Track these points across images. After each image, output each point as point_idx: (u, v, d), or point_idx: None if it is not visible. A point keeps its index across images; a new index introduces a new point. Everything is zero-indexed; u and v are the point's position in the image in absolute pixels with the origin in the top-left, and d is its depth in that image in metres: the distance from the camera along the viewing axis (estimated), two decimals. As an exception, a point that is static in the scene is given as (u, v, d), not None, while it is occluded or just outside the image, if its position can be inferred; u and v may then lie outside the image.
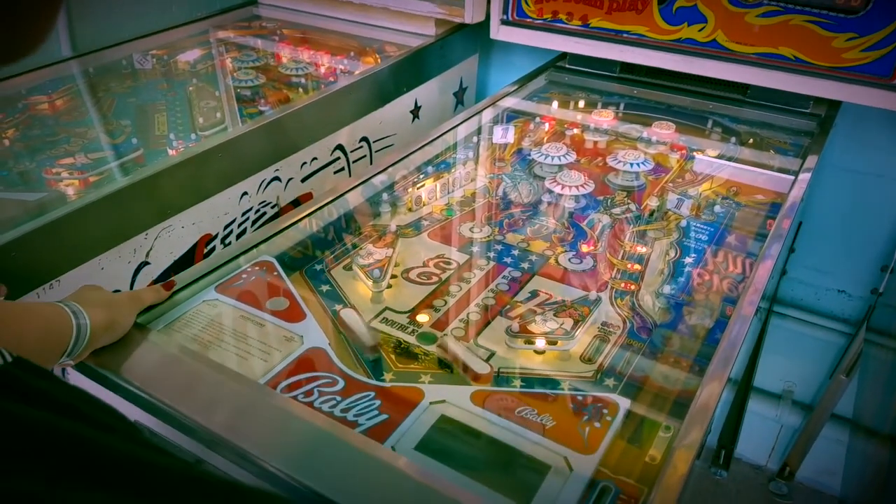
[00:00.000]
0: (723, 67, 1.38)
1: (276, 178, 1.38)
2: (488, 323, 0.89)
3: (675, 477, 0.60)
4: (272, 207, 1.39)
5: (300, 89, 1.61)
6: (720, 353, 0.76)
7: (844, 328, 1.76)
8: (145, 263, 1.16)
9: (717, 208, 1.14)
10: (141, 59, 1.72)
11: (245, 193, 1.31)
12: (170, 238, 1.19)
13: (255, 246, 1.01)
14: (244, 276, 0.96)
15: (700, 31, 1.38)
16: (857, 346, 1.65)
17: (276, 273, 0.98)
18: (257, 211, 1.36)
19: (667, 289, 0.95)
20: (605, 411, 0.73)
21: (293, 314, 0.90)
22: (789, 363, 1.88)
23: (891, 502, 0.83)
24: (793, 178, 1.15)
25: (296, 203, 1.44)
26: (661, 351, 0.85)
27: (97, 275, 1.06)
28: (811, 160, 1.19)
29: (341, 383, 0.78)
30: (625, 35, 1.46)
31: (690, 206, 1.13)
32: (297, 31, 1.93)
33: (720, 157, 1.32)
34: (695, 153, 1.33)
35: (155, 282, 1.17)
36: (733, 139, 1.38)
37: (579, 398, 0.75)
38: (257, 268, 0.98)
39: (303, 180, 1.45)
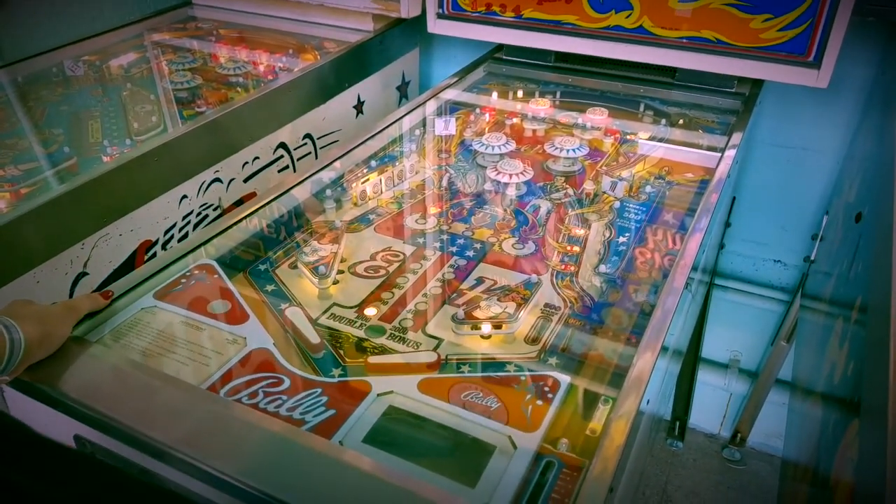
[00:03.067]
0: (650, 52, 1.43)
1: (217, 180, 1.36)
2: (436, 312, 0.91)
3: (612, 448, 0.63)
4: (214, 210, 1.38)
5: (240, 89, 1.59)
6: (653, 324, 0.79)
7: (782, 296, 1.84)
8: (83, 274, 1.14)
9: (649, 188, 1.18)
10: (72, 66, 1.68)
11: (185, 196, 1.30)
12: (108, 246, 1.17)
13: (195, 249, 1.00)
14: (183, 280, 0.96)
15: (627, 17, 1.42)
16: (794, 312, 1.73)
17: (216, 276, 0.97)
18: (198, 214, 1.35)
19: (603, 268, 0.98)
20: (546, 389, 0.75)
21: (236, 316, 0.89)
22: (733, 333, 1.96)
23: (823, 456, 0.87)
24: (720, 154, 1.20)
25: (239, 204, 1.43)
26: (600, 327, 0.88)
27: (33, 289, 1.04)
28: (736, 137, 1.24)
29: (287, 382, 0.78)
30: (556, 25, 1.49)
31: (625, 187, 1.16)
32: (233, 31, 1.90)
33: (652, 138, 1.36)
34: (628, 136, 1.37)
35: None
36: (664, 121, 1.43)
37: (522, 378, 0.77)
38: (197, 271, 0.97)
39: (245, 180, 1.43)
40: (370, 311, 0.92)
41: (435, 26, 1.63)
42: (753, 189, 1.73)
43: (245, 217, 1.07)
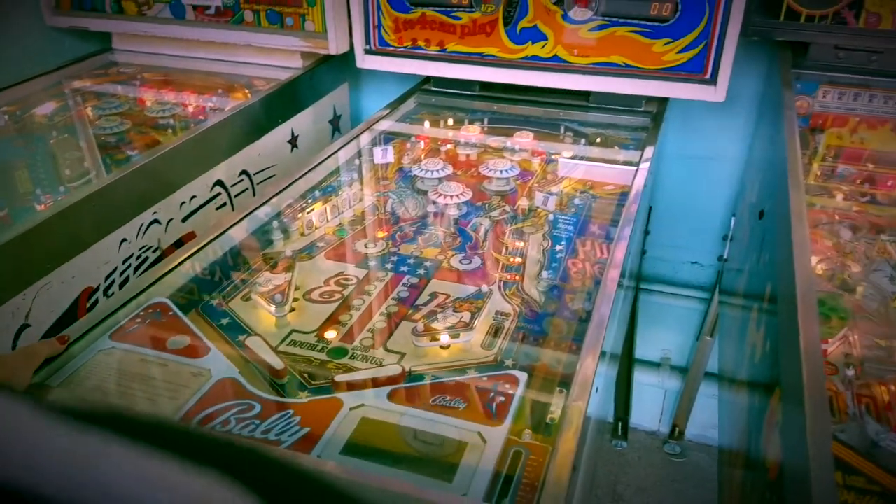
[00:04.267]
0: (565, 79, 1.54)
1: (156, 221, 1.36)
2: (395, 329, 0.95)
3: (571, 431, 0.69)
4: (154, 251, 1.38)
5: (169, 130, 1.60)
6: (593, 325, 0.86)
7: (702, 294, 1.98)
8: (25, 326, 1.12)
9: (577, 201, 1.28)
10: (-9, 118, 1.64)
11: (124, 240, 1.29)
12: (49, 295, 1.15)
13: (146, 289, 1.01)
14: (138, 319, 0.96)
15: (542, 48, 1.53)
16: (713, 308, 1.87)
17: (171, 313, 0.98)
18: (139, 257, 1.34)
19: (545, 275, 1.06)
20: (507, 386, 0.82)
21: (197, 350, 0.91)
22: (662, 333, 2.09)
23: (753, 432, 0.96)
24: (636, 168, 1.31)
25: (178, 244, 1.43)
26: (547, 328, 0.96)
27: (-24, 343, 1.02)
28: (649, 151, 1.35)
29: (258, 407, 0.81)
30: (479, 57, 1.59)
31: (555, 201, 1.25)
32: (158, 74, 1.90)
33: (574, 157, 1.47)
34: (553, 156, 1.47)
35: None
36: (583, 140, 1.54)
37: (484, 379, 0.83)
38: (151, 310, 0.98)
39: (184, 220, 1.44)
40: (330, 334, 0.95)
41: (363, 62, 1.70)
42: (667, 198, 1.87)
43: (194, 254, 1.09)
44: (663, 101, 1.60)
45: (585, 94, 1.60)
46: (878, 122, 1.34)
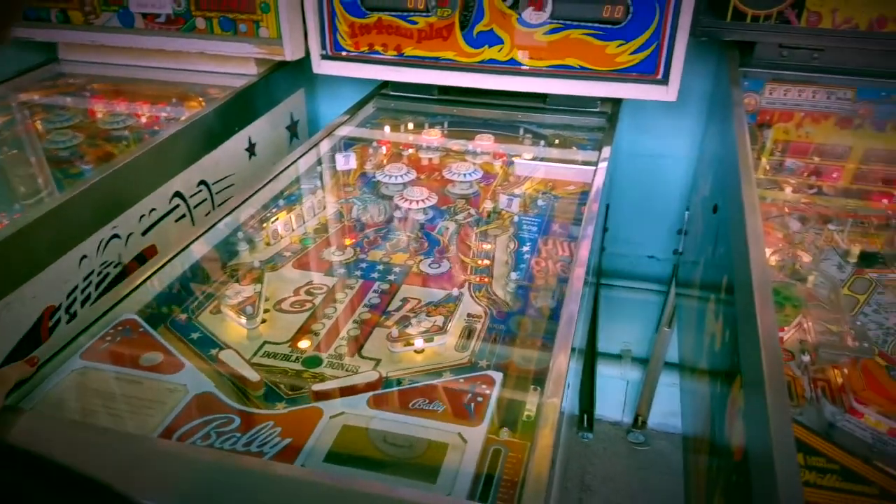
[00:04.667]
0: (522, 81, 1.57)
1: (116, 236, 1.34)
2: (368, 336, 0.97)
3: (547, 427, 0.72)
4: (115, 267, 1.36)
5: (125, 142, 1.57)
6: (563, 323, 0.89)
7: (659, 287, 2.05)
8: (-14, 348, 1.09)
9: (539, 202, 1.31)
10: (-66, 135, 1.58)
11: (84, 257, 1.27)
12: (10, 317, 1.12)
13: (114, 306, 1.00)
14: (108, 337, 0.95)
15: (499, 51, 1.56)
16: (671, 300, 1.93)
17: (141, 329, 0.97)
18: (100, 273, 1.32)
19: (513, 276, 1.08)
20: (483, 386, 0.84)
21: (171, 366, 0.90)
22: (623, 326, 2.14)
23: (717, 418, 1.01)
24: (594, 168, 1.35)
25: (140, 258, 1.41)
26: (518, 328, 0.98)
27: (-63, 368, 0.99)
28: (606, 151, 1.39)
29: (237, 420, 0.81)
30: (436, 61, 1.61)
31: (519, 203, 1.28)
32: (108, 85, 1.86)
33: (534, 158, 1.50)
34: (513, 158, 1.50)
35: (1, 365, 1.10)
36: (542, 142, 1.57)
37: (461, 380, 0.85)
38: (121, 327, 0.97)
39: (143, 233, 1.42)
40: (304, 344, 0.96)
41: (320, 67, 1.70)
42: (624, 196, 1.92)
43: (161, 267, 1.08)
44: (617, 102, 1.64)
45: (542, 97, 1.64)
46: (822, 117, 1.42)
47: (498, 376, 0.86)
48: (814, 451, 0.68)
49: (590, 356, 2.10)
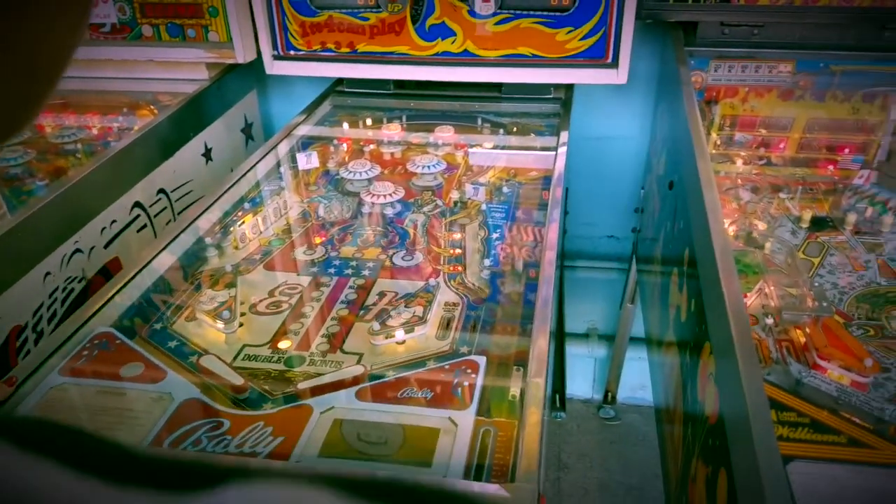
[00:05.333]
0: (477, 72, 1.59)
1: (78, 251, 1.32)
2: (348, 331, 0.98)
3: (534, 404, 0.75)
4: (80, 282, 1.33)
5: (78, 156, 1.53)
6: (539, 307, 0.92)
7: (621, 265, 2.10)
8: (-49, 374, 1.07)
9: (504, 189, 1.34)
10: None
11: (48, 273, 1.24)
12: (-24, 340, 1.10)
13: (88, 321, 0.98)
14: (85, 352, 0.94)
15: (452, 43, 1.58)
16: (632, 277, 1.99)
17: (118, 341, 0.97)
18: (64, 289, 1.30)
19: (486, 262, 1.11)
20: (469, 370, 0.86)
21: (153, 375, 0.90)
22: (588, 305, 2.20)
23: (686, 393, 1.05)
24: (554, 153, 1.38)
25: (104, 271, 1.39)
26: (495, 313, 1.01)
27: None
28: (564, 136, 1.43)
29: (227, 423, 0.81)
30: (390, 56, 1.62)
31: (484, 192, 1.31)
32: (55, 98, 1.81)
33: (495, 147, 1.53)
34: (474, 148, 1.52)
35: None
36: (501, 131, 1.60)
37: (446, 367, 0.87)
38: (97, 341, 0.96)
39: (106, 246, 1.40)
40: (284, 345, 0.96)
41: (273, 68, 1.69)
42: (581, 178, 1.96)
43: (132, 278, 1.07)
44: (570, 87, 1.68)
45: (498, 86, 1.66)
46: (766, 90, 1.48)
47: (482, 360, 0.88)
48: (785, 407, 0.73)
49: (559, 337, 2.14)
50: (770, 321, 0.83)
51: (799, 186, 1.15)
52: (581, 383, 2.33)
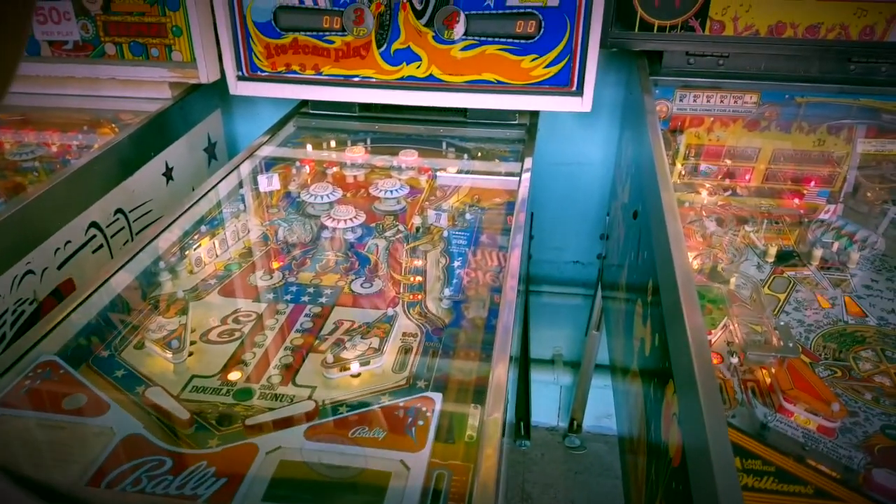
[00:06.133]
0: (442, 97, 1.58)
1: (30, 272, 1.27)
2: (302, 362, 0.94)
3: (490, 447, 0.72)
4: (30, 304, 1.28)
5: (35, 173, 1.48)
6: (500, 334, 0.90)
7: (586, 291, 2.10)
8: None
9: (467, 216, 1.32)
10: None
11: (-3, 295, 1.19)
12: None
13: (32, 348, 0.94)
14: (27, 382, 0.89)
15: (417, 68, 1.57)
16: (598, 303, 1.99)
17: (62, 371, 0.92)
18: (14, 311, 1.24)
19: (446, 291, 1.09)
20: (424, 409, 0.83)
21: (95, 408, 0.86)
22: (553, 332, 2.18)
23: (652, 422, 1.03)
24: (518, 178, 1.37)
25: (56, 293, 1.34)
26: (454, 345, 0.98)
27: None
28: (528, 161, 1.42)
29: (169, 462, 0.77)
30: (355, 79, 1.60)
31: (447, 217, 1.29)
32: (14, 115, 1.75)
33: (459, 171, 1.51)
34: (438, 172, 1.51)
35: None
36: (465, 155, 1.59)
37: (401, 404, 0.84)
38: (40, 370, 0.92)
39: (59, 267, 1.35)
40: (234, 376, 0.93)
41: (236, 88, 1.66)
42: (546, 204, 1.96)
43: (80, 304, 1.03)
44: (535, 114, 1.68)
45: (463, 111, 1.65)
46: (731, 120, 1.49)
47: (437, 397, 0.85)
48: (749, 453, 0.71)
49: (523, 363, 2.12)
50: (735, 360, 0.82)
51: (764, 219, 1.15)
52: (546, 411, 2.30)
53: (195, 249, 1.21)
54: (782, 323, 0.90)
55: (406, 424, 0.81)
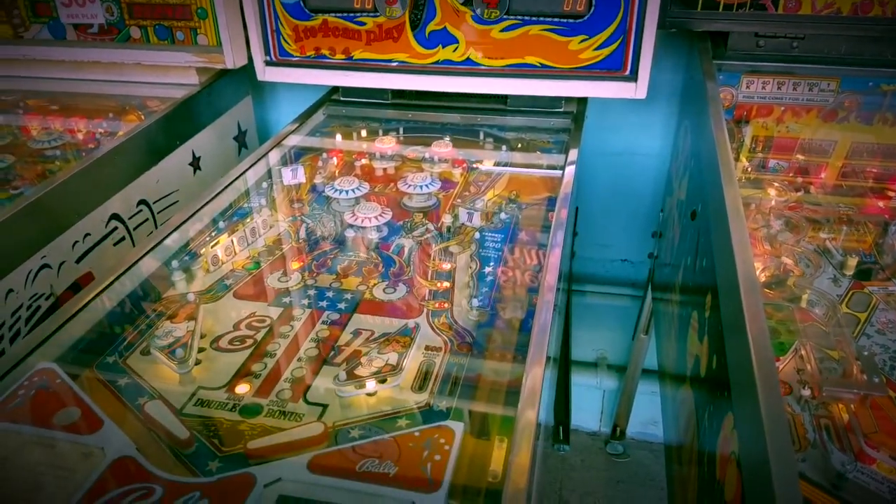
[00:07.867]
0: (480, 82, 1.47)
1: (46, 266, 1.22)
2: (315, 376, 0.86)
3: (517, 488, 0.62)
4: (47, 299, 1.24)
5: (59, 161, 1.44)
6: (535, 338, 0.80)
7: (635, 292, 1.97)
8: None
9: (503, 215, 1.21)
10: None
11: (11, 291, 1.15)
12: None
13: (30, 354, 0.88)
14: (21, 391, 0.84)
15: (454, 51, 1.46)
16: (647, 305, 1.85)
17: (59, 380, 0.86)
18: (29, 307, 1.20)
19: (475, 302, 0.98)
20: (442, 441, 0.73)
21: (88, 424, 0.79)
22: (597, 333, 2.07)
23: (700, 434, 0.92)
24: (561, 172, 1.25)
25: (75, 287, 1.29)
26: (482, 361, 0.88)
27: None
28: (573, 153, 1.30)
29: (159, 491, 0.70)
30: (388, 63, 1.50)
31: (479, 217, 1.18)
32: (42, 101, 1.73)
33: (497, 164, 1.41)
34: (474, 164, 1.40)
35: None
36: (504, 146, 1.48)
37: (416, 434, 0.75)
38: (36, 379, 0.86)
39: (78, 261, 1.30)
40: (242, 389, 0.85)
41: (265, 74, 1.59)
42: (593, 197, 1.84)
43: (84, 306, 0.97)
44: (583, 101, 1.56)
45: (503, 98, 1.54)
46: (804, 110, 1.35)
47: (458, 427, 0.75)
48: (821, 512, 0.59)
49: (563, 365, 2.01)
50: (807, 392, 0.69)
51: (842, 224, 1.00)
52: (588, 415, 2.19)
53: (212, 247, 1.14)
54: (866, 353, 0.76)
55: (422, 458, 0.71)
